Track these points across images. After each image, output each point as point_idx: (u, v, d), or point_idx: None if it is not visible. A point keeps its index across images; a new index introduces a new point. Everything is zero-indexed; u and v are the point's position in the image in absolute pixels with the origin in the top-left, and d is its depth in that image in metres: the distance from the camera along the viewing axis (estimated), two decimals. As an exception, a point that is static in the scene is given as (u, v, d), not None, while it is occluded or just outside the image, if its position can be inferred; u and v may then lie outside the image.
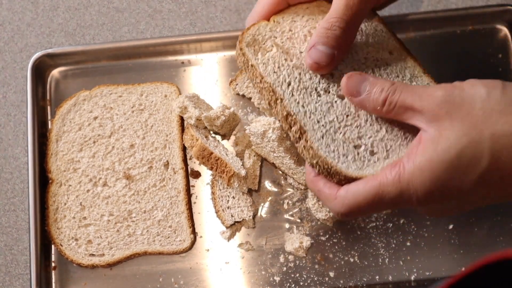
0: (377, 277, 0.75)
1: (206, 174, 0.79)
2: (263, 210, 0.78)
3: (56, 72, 0.84)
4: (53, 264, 0.78)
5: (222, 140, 0.80)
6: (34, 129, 0.79)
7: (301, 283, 0.75)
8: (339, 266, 0.75)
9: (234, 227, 0.77)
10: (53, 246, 0.78)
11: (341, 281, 0.75)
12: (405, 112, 0.56)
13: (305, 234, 0.76)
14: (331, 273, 0.75)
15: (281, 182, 0.78)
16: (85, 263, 0.76)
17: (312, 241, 0.76)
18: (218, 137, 0.80)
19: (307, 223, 0.77)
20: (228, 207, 0.76)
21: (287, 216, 0.77)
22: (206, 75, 0.83)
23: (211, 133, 0.80)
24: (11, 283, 0.80)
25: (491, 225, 0.76)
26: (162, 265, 0.77)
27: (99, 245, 0.77)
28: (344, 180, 0.60)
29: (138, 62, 0.83)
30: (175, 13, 0.88)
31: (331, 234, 0.76)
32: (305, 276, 0.75)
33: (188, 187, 0.78)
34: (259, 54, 0.66)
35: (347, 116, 0.63)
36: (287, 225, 0.77)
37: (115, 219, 0.77)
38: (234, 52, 0.82)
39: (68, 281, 0.77)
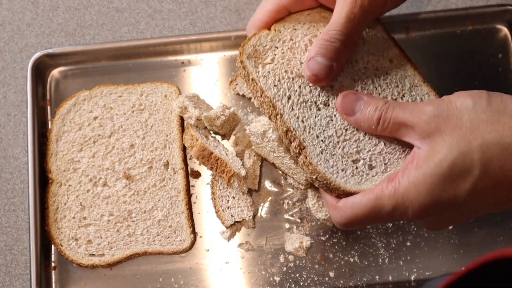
0: (377, 277, 0.75)
1: (206, 174, 0.79)
2: (263, 210, 0.78)
3: (56, 72, 0.84)
4: (53, 264, 0.78)
5: (222, 140, 0.80)
6: (34, 129, 0.79)
7: (301, 283, 0.75)
8: (339, 266, 0.75)
9: (234, 227, 0.77)
10: (53, 246, 0.78)
11: (341, 281, 0.75)
12: (399, 129, 0.58)
13: (305, 234, 0.76)
14: (331, 273, 0.75)
15: (281, 182, 0.78)
16: (85, 263, 0.76)
17: (312, 241, 0.76)
18: (218, 137, 0.80)
19: (307, 223, 0.77)
20: (228, 207, 0.76)
21: (287, 216, 0.77)
22: (206, 75, 0.83)
23: (211, 133, 0.80)
24: (11, 283, 0.80)
25: (491, 225, 0.76)
26: (162, 265, 0.77)
27: (99, 245, 0.77)
28: (343, 194, 0.61)
29: (138, 62, 0.83)
30: (175, 13, 0.88)
31: (331, 234, 0.76)
32: (305, 276, 0.75)
33: (188, 187, 0.78)
34: (260, 66, 0.65)
35: (346, 130, 0.64)
36: (287, 225, 0.77)
37: (115, 219, 0.77)
38: (234, 52, 0.82)
39: (68, 281, 0.77)
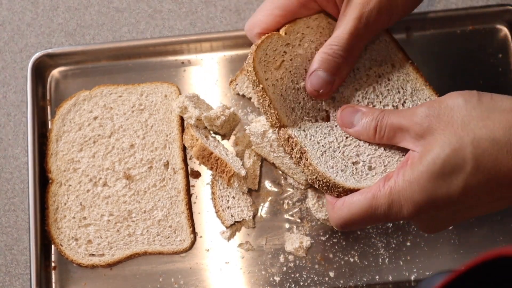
0: (377, 277, 0.75)
1: (206, 174, 0.79)
2: (263, 210, 0.78)
3: (56, 72, 0.84)
4: (53, 264, 0.78)
5: (222, 140, 0.80)
6: (34, 129, 0.79)
7: (301, 283, 0.75)
8: (339, 266, 0.75)
9: (234, 227, 0.77)
10: (53, 246, 0.78)
11: (341, 281, 0.75)
12: (395, 134, 0.60)
13: (305, 234, 0.76)
14: (331, 273, 0.75)
15: (281, 182, 0.78)
16: (85, 263, 0.76)
17: (312, 241, 0.76)
18: (218, 137, 0.80)
19: (307, 223, 0.77)
20: (228, 207, 0.76)
21: (287, 216, 0.77)
22: (206, 75, 0.83)
23: (211, 133, 0.80)
24: (11, 283, 0.80)
25: (491, 225, 0.76)
26: (162, 265, 0.77)
27: (99, 245, 0.77)
28: (343, 192, 0.61)
29: (138, 62, 0.83)
30: (175, 13, 0.88)
31: (331, 234, 0.76)
32: (305, 276, 0.75)
33: (188, 187, 0.78)
34: (270, 73, 0.65)
35: (347, 137, 0.65)
36: (287, 225, 0.77)
37: (115, 219, 0.77)
38: (234, 52, 0.82)
39: (68, 281, 0.77)
